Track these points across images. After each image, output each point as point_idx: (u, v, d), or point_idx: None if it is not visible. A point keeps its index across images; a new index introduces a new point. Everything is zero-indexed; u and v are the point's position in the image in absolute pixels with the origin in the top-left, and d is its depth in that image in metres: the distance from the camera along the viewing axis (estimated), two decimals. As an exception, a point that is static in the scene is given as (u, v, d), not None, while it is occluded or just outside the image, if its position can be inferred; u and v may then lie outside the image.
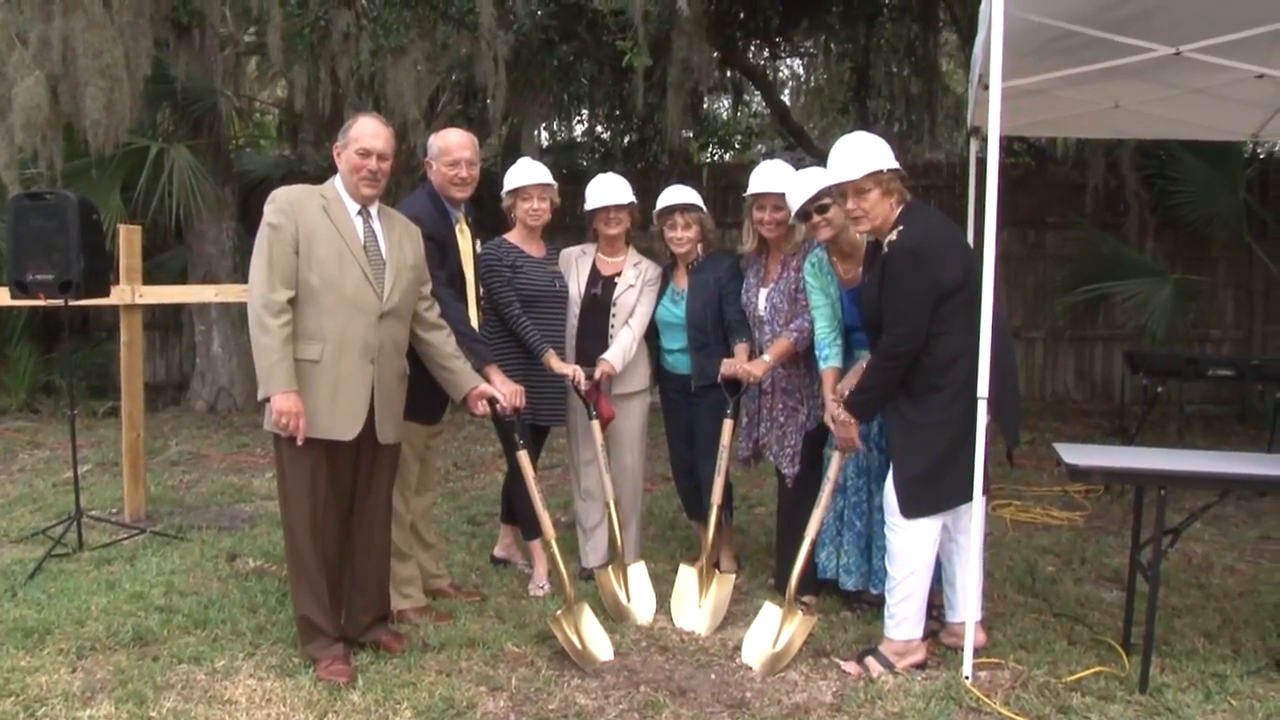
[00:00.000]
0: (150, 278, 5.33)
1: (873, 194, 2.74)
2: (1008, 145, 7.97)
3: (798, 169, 3.36)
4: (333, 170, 2.92)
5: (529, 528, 3.59)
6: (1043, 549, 4.17)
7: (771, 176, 3.40)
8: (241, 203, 8.13)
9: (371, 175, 2.82)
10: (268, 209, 2.74)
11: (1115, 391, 7.85)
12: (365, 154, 2.81)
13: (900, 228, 2.71)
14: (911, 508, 2.75)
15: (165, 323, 8.83)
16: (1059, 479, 5.31)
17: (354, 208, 2.84)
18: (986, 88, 2.76)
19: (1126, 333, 7.69)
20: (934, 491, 2.74)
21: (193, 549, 4.01)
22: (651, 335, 3.77)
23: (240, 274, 7.79)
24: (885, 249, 2.72)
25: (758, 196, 3.43)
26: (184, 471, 5.74)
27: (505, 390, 3.20)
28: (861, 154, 2.78)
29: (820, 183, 3.06)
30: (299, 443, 2.68)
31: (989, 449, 2.74)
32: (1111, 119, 4.02)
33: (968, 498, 2.72)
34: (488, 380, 3.18)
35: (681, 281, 3.69)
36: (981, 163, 2.88)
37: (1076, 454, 2.84)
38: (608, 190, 3.66)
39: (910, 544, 2.79)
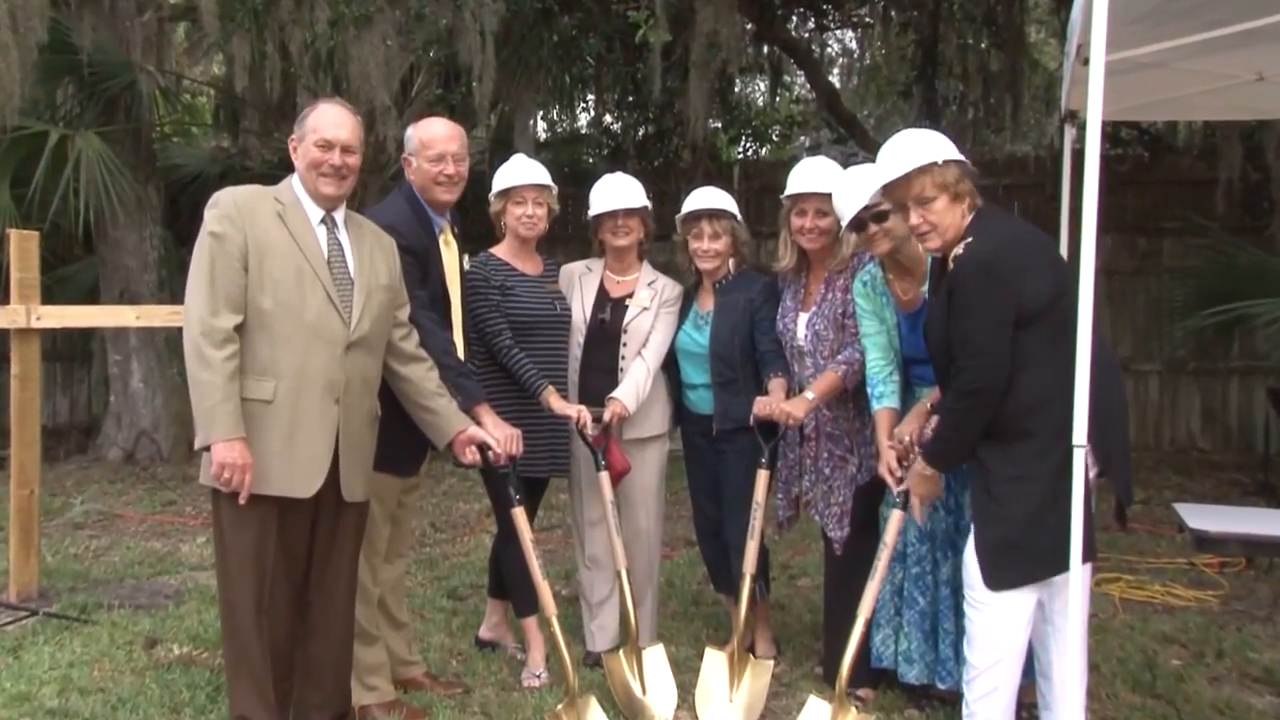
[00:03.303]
0: (51, 295, 5.39)
1: (939, 201, 2.77)
2: (1113, 133, 8.07)
3: (846, 166, 3.46)
4: (282, 167, 3.02)
5: (523, 602, 3.66)
6: (1164, 637, 4.16)
7: (814, 175, 3.51)
8: (169, 204, 8.30)
9: (335, 173, 2.92)
10: (209, 214, 2.83)
11: (1256, 438, 7.80)
12: (327, 147, 2.91)
13: (968, 239, 2.75)
14: (999, 577, 2.78)
15: (70, 352, 8.96)
16: (1183, 548, 5.27)
17: (315, 214, 2.94)
18: (1086, 62, 2.77)
19: (1270, 364, 7.68)
20: (1026, 557, 2.76)
21: (99, 634, 4.04)
22: (671, 368, 3.87)
23: (166, 292, 7.92)
24: (951, 264, 2.78)
25: (797, 199, 3.54)
26: (91, 537, 5.82)
27: (499, 434, 3.27)
28: (910, 148, 2.83)
29: (878, 182, 3.10)
30: (242, 500, 2.74)
31: (1090, 507, 2.76)
32: (1253, 96, 3.98)
33: (1065, 567, 2.72)
34: (478, 422, 3.26)
35: (707, 303, 3.80)
36: (1079, 154, 2.85)
37: (1205, 517, 2.80)
38: (616, 193, 3.78)
39: (996, 625, 2.80)
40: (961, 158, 2.83)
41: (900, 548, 3.25)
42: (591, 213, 3.85)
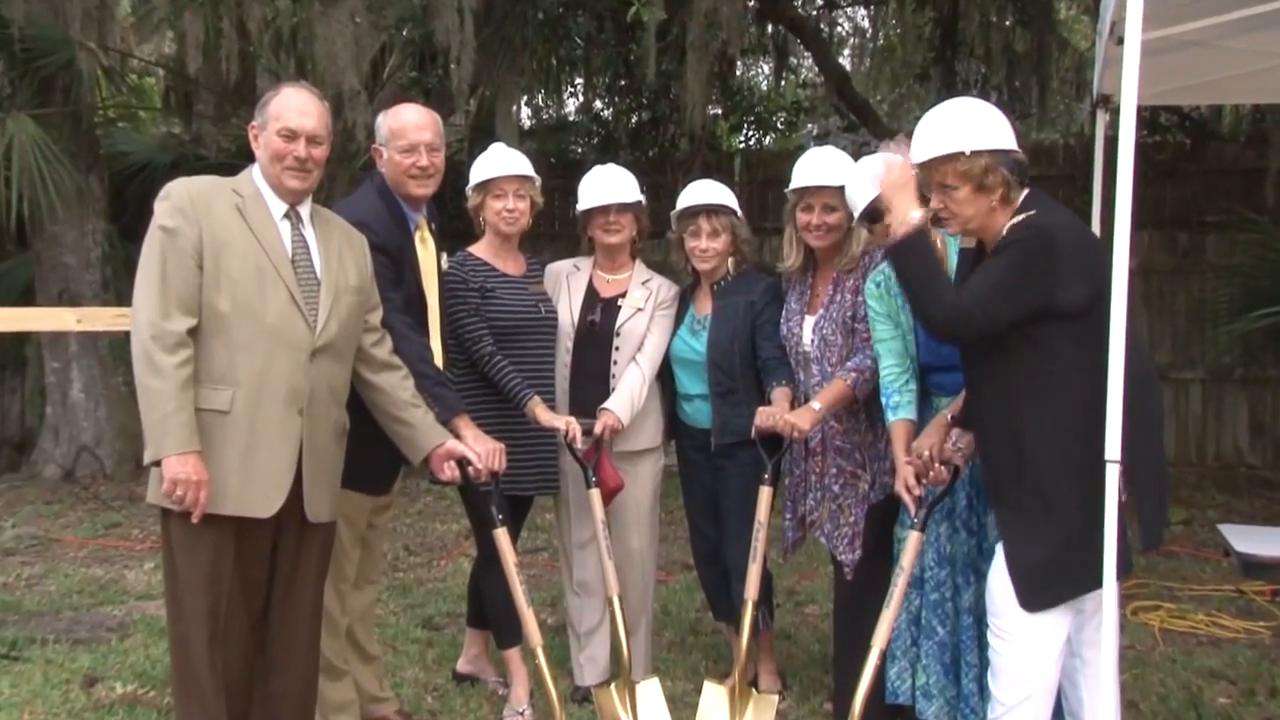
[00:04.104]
0: (-21, 295, 5.41)
1: (961, 191, 2.78)
2: (1151, 118, 8.10)
3: (858, 157, 3.50)
4: (240, 156, 3.05)
5: (505, 632, 3.70)
6: (1210, 672, 4.17)
7: (821, 167, 3.54)
8: (114, 196, 8.30)
9: (300, 165, 2.94)
10: (160, 207, 2.84)
11: (1311, 453, 7.85)
12: (291, 137, 2.93)
13: (1030, 212, 2.76)
14: (1035, 597, 2.78)
15: (1, 358, 8.94)
16: (1229, 574, 5.29)
17: (278, 208, 2.97)
18: (1121, 41, 2.78)
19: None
20: (1063, 575, 2.77)
21: (32, 673, 4.03)
22: (666, 377, 3.91)
23: (111, 293, 7.92)
24: (1005, 233, 2.77)
25: (802, 193, 3.57)
26: (24, 563, 5.81)
27: (480, 448, 3.29)
28: (942, 129, 2.83)
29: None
30: (196, 519, 2.75)
31: (1124, 523, 2.79)
32: (1310, 76, 3.98)
33: (1097, 584, 2.73)
34: (457, 435, 3.28)
35: (704, 306, 3.84)
36: (1113, 142, 2.84)
37: (1253, 540, 2.81)
38: (607, 186, 3.82)
39: (1026, 656, 2.80)
40: (1004, 145, 2.80)
41: (917, 572, 3.27)
42: (580, 207, 3.89)
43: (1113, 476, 2.68)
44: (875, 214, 3.21)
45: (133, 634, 4.55)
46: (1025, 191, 2.85)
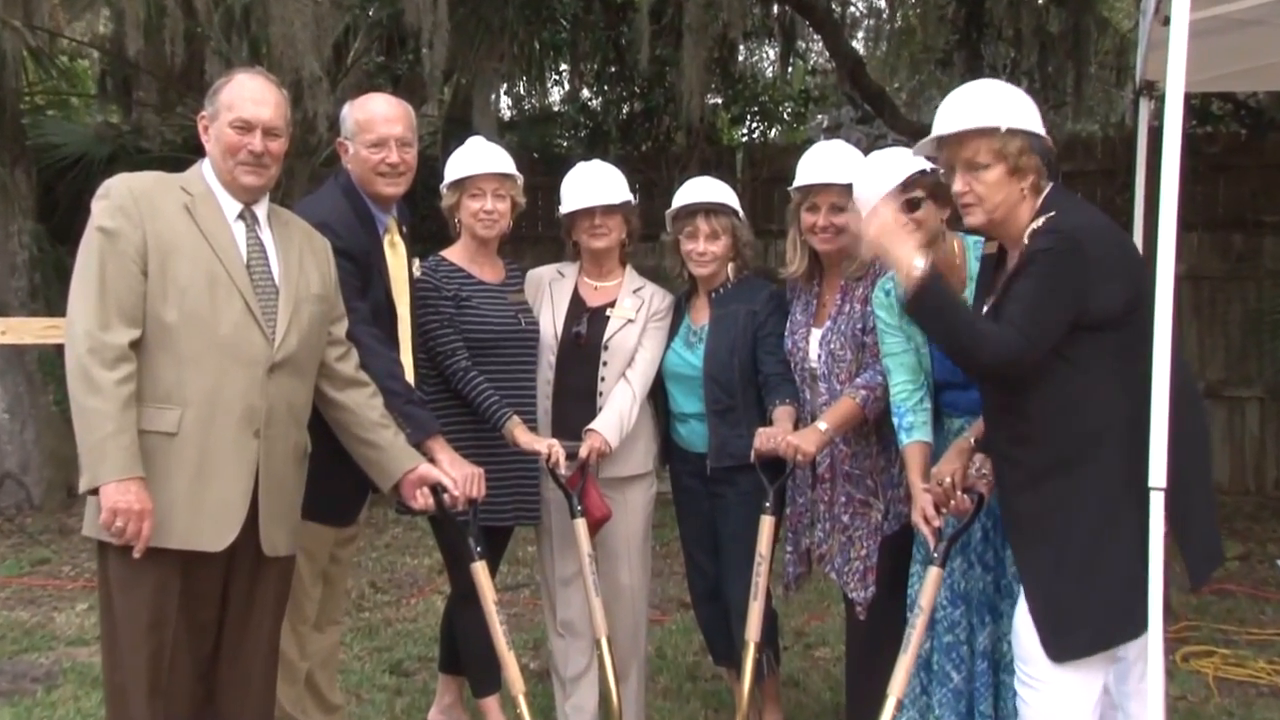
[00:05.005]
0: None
1: (992, 172, 2.80)
2: (1201, 107, 8.15)
3: (870, 152, 3.53)
4: (187, 149, 3.07)
5: (483, 679, 3.73)
6: (1274, 729, 4.22)
7: (829, 163, 3.58)
8: (43, 193, 8.32)
9: (256, 160, 2.96)
10: (98, 206, 2.84)
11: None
12: (245, 129, 2.95)
13: (1051, 213, 2.79)
14: (1062, 646, 2.77)
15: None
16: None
17: (232, 208, 2.99)
18: (1168, 21, 2.78)
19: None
20: (1089, 622, 2.77)
21: (-57, 731, 4.06)
22: (658, 395, 3.95)
23: (40, 301, 7.93)
24: (1027, 240, 2.80)
25: (808, 191, 3.60)
26: (-61, 605, 5.82)
27: (456, 474, 3.31)
28: (975, 103, 2.87)
29: (908, 166, 3.19)
30: (138, 554, 2.75)
31: (1169, 563, 2.78)
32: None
33: (1139, 631, 2.75)
34: (430, 459, 3.31)
35: (701, 316, 3.88)
36: (1158, 134, 2.85)
37: None
38: (593, 186, 3.85)
39: (1058, 708, 2.79)
40: (1038, 130, 2.85)
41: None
42: (563, 210, 3.92)
43: (1158, 505, 2.68)
44: None
45: (62, 685, 4.54)
46: (1049, 186, 2.88)
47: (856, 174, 3.41)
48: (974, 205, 2.85)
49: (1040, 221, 2.79)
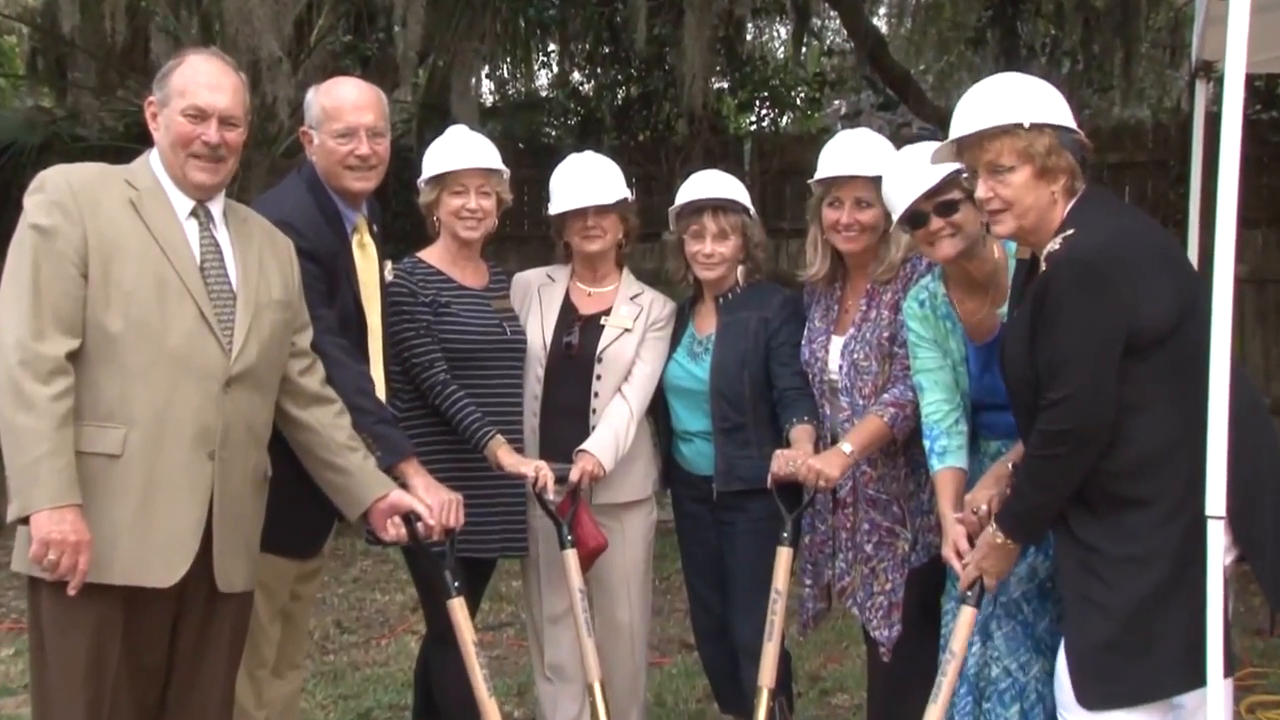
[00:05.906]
0: None
1: (1018, 174, 2.80)
2: (1267, 89, 8.17)
3: (899, 143, 3.52)
4: (130, 138, 3.05)
5: (461, 730, 3.68)
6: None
7: (853, 153, 3.57)
8: (-35, 186, 8.32)
9: (211, 153, 2.94)
10: (31, 202, 2.83)
11: None
12: (199, 117, 2.93)
13: (1069, 231, 2.78)
14: (1095, 693, 2.77)
15: None
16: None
17: (183, 205, 2.97)
18: None
19: None
20: (1134, 668, 2.75)
21: None
22: (660, 411, 3.93)
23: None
24: (1044, 264, 2.81)
25: (830, 185, 3.59)
26: None
27: (432, 500, 3.30)
28: (994, 99, 2.87)
29: (941, 168, 3.15)
30: (73, 590, 2.72)
31: (1227, 601, 2.76)
32: None
33: (1197, 682, 2.71)
34: (403, 484, 3.30)
35: (707, 324, 3.86)
36: (1215, 119, 2.87)
37: None
38: (585, 183, 3.83)
39: None
40: (1066, 123, 2.85)
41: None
42: (552, 210, 3.91)
43: (1216, 535, 2.65)
44: (918, 217, 3.23)
45: (-11, 737, 4.53)
46: (1083, 189, 2.87)
47: (884, 168, 3.40)
48: (1001, 212, 2.85)
49: (1057, 244, 2.78)
